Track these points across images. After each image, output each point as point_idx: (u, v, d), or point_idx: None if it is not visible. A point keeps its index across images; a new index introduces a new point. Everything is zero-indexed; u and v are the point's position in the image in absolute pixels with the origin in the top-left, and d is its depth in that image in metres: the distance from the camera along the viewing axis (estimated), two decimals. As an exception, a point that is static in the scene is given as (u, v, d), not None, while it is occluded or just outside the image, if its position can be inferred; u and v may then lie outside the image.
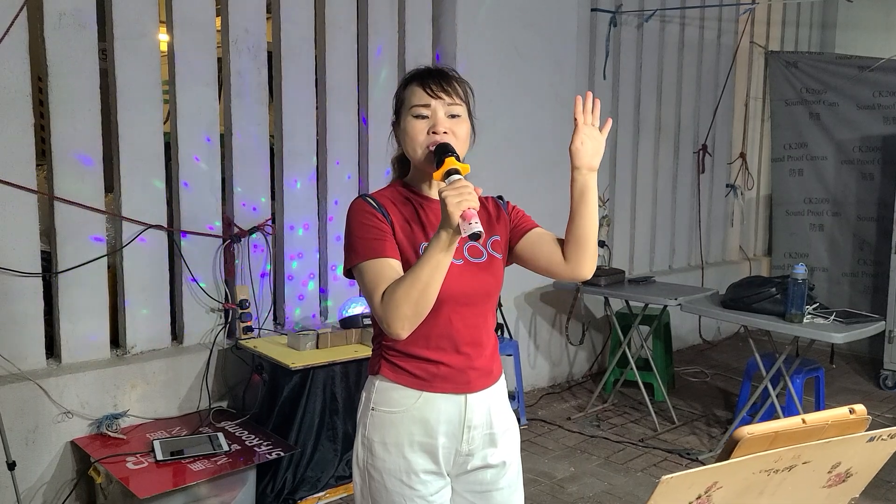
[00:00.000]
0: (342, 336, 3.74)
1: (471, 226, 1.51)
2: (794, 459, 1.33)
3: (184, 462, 3.11)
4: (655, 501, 1.22)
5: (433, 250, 1.56)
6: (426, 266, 1.56)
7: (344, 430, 3.57)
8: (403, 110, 1.76)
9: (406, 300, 1.57)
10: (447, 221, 1.52)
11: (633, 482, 3.79)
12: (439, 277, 1.58)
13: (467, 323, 1.74)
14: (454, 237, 1.55)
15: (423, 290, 1.56)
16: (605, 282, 4.63)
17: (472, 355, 1.75)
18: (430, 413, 1.72)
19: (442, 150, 1.66)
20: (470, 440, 1.76)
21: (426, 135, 1.71)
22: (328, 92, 4.13)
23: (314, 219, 4.17)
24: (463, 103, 1.76)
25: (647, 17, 5.63)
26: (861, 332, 3.76)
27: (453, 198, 1.52)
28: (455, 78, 1.77)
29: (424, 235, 1.75)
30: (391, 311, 1.58)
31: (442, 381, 1.73)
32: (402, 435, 1.72)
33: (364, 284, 1.67)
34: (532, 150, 4.86)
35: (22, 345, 3.25)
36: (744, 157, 6.87)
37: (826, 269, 6.54)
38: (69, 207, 3.33)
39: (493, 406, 1.80)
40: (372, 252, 1.67)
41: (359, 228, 1.70)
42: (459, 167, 1.61)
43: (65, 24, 3.24)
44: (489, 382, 1.80)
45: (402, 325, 1.59)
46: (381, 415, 1.74)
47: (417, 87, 1.74)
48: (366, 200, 1.75)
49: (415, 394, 1.73)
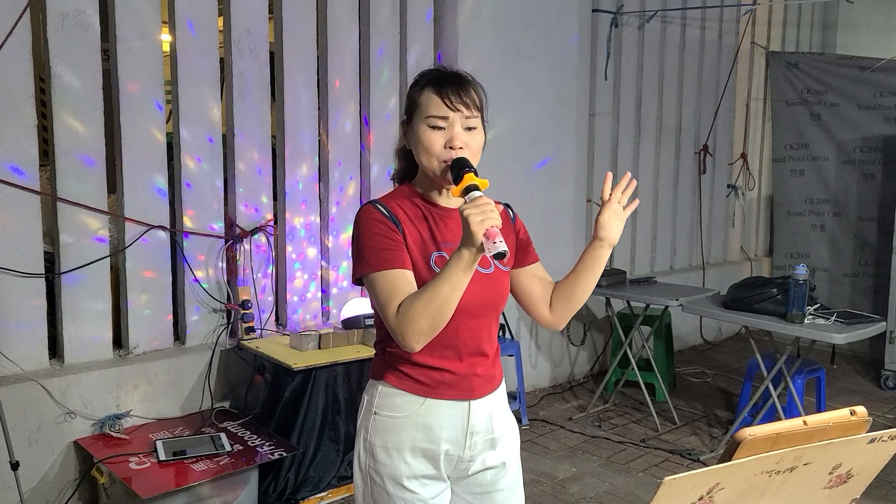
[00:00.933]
0: (344, 336, 3.75)
1: (495, 245, 1.49)
2: (795, 461, 1.34)
3: (186, 462, 3.11)
4: (658, 502, 1.22)
5: (454, 268, 1.54)
6: (446, 283, 1.54)
7: (346, 431, 3.58)
8: (418, 116, 1.72)
9: (423, 316, 1.56)
10: (470, 240, 1.50)
11: (634, 482, 3.80)
12: (458, 295, 1.57)
13: (473, 333, 1.74)
14: (476, 256, 1.53)
15: (441, 306, 1.56)
16: (606, 282, 4.63)
17: (476, 363, 1.76)
18: (434, 419, 1.72)
19: (459, 164, 1.64)
20: (472, 446, 1.76)
21: (442, 148, 1.68)
22: (330, 92, 4.13)
23: (316, 219, 4.18)
24: (479, 113, 1.73)
25: (648, 17, 5.63)
26: (862, 332, 3.76)
27: (476, 216, 1.49)
28: (472, 86, 1.74)
29: (436, 245, 1.73)
30: (407, 325, 1.57)
31: (446, 387, 1.73)
32: (404, 440, 1.72)
33: (376, 296, 1.65)
34: (533, 150, 4.87)
35: (25, 345, 3.26)
36: (745, 158, 6.87)
37: (827, 269, 6.54)
38: (72, 208, 3.34)
39: (495, 411, 1.81)
40: (384, 263, 1.64)
41: (369, 237, 1.67)
42: (478, 182, 1.58)
43: (67, 24, 3.25)
44: (491, 388, 1.81)
45: (418, 339, 1.59)
46: (383, 419, 1.74)
47: (435, 95, 1.70)
48: (376, 207, 1.71)
49: (418, 400, 1.72)
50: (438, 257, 1.72)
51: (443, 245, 1.73)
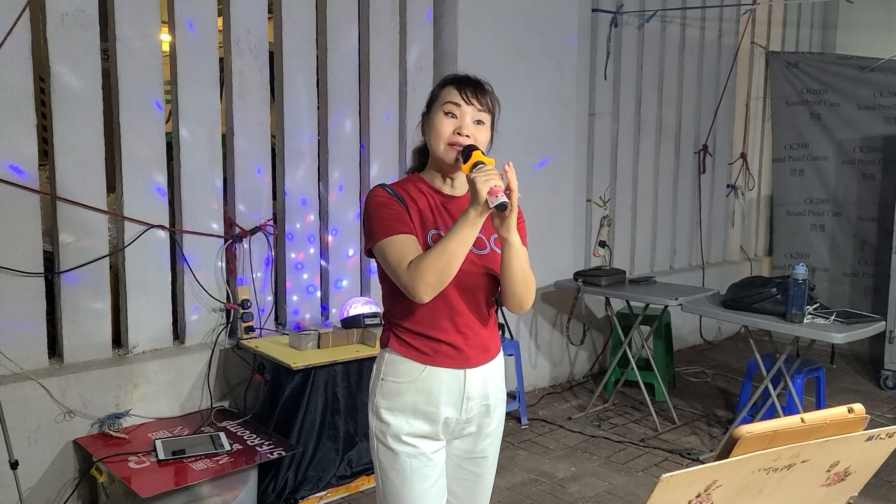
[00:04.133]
0: (343, 336, 3.75)
1: (497, 198, 1.70)
2: (793, 458, 1.34)
3: (185, 461, 3.11)
4: (655, 499, 1.22)
5: (461, 225, 1.74)
6: (453, 239, 1.74)
7: (345, 430, 3.58)
8: (436, 105, 1.93)
9: (432, 268, 1.74)
10: (476, 198, 1.71)
11: (633, 482, 3.80)
12: (464, 250, 1.75)
13: (468, 306, 1.92)
14: (482, 213, 1.73)
15: (449, 260, 1.74)
16: (606, 282, 4.63)
17: (471, 335, 1.94)
18: (433, 384, 1.91)
19: (469, 148, 1.85)
20: (468, 409, 1.95)
21: (451, 133, 1.89)
22: (329, 92, 4.13)
23: (315, 219, 4.18)
24: (489, 114, 1.94)
25: (647, 17, 5.64)
26: (862, 332, 3.76)
27: (481, 177, 1.72)
28: (489, 91, 1.95)
29: (434, 225, 1.91)
30: (417, 277, 1.75)
31: (444, 357, 1.91)
32: (407, 403, 1.91)
33: (387, 258, 1.83)
34: (533, 150, 4.87)
35: (24, 344, 3.26)
36: (744, 158, 6.87)
37: (827, 269, 6.54)
38: (71, 207, 3.34)
39: (490, 379, 1.99)
40: (393, 229, 1.83)
41: (378, 210, 1.87)
42: (485, 160, 1.79)
43: (67, 24, 3.25)
44: (487, 358, 1.98)
45: (426, 290, 1.77)
46: (389, 384, 1.93)
47: (454, 88, 1.91)
48: (385, 189, 1.92)
49: (419, 367, 1.91)
50: (435, 234, 1.89)
51: (442, 226, 1.91)
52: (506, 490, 3.66)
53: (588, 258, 5.51)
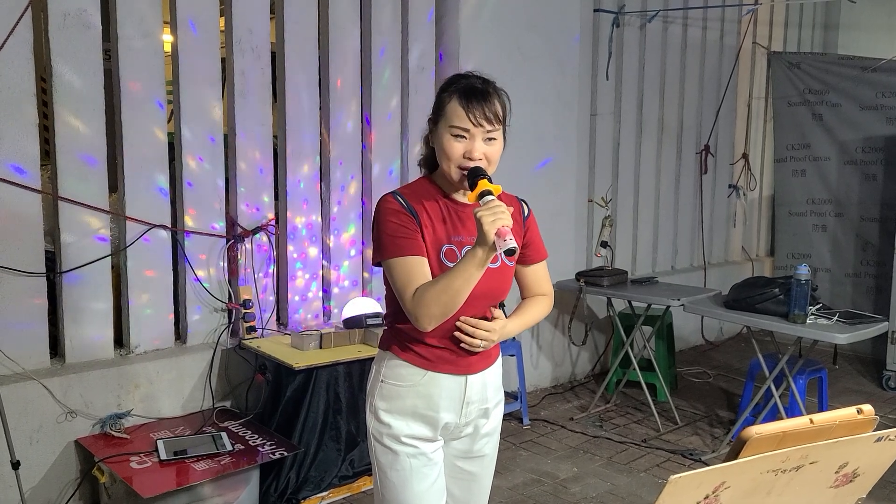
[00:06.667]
0: (345, 336, 3.75)
1: (505, 242, 1.65)
2: (801, 459, 1.33)
3: (187, 462, 3.11)
4: (664, 501, 1.22)
5: (468, 264, 1.72)
6: (459, 277, 1.73)
7: (347, 430, 3.57)
8: (443, 122, 1.86)
9: (436, 302, 1.75)
10: (483, 239, 1.67)
11: (635, 482, 3.79)
12: (469, 287, 1.75)
13: (473, 315, 1.90)
14: (489, 253, 1.70)
15: (454, 296, 1.75)
16: (607, 282, 4.63)
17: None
18: (434, 389, 1.91)
19: (474, 173, 1.79)
20: (467, 413, 1.96)
21: (461, 157, 1.83)
22: (331, 92, 4.13)
23: (317, 219, 4.17)
24: (501, 125, 1.87)
25: (649, 17, 5.63)
26: (864, 332, 3.75)
27: (488, 217, 1.66)
28: (497, 98, 1.86)
29: (447, 238, 1.88)
30: (422, 308, 1.76)
31: (445, 363, 1.91)
32: (406, 406, 1.92)
33: (394, 279, 1.82)
34: (534, 150, 4.86)
35: (26, 344, 3.25)
36: (746, 158, 6.86)
37: (829, 269, 6.53)
38: (73, 207, 3.34)
39: (489, 383, 2.00)
40: (402, 250, 1.81)
41: (388, 225, 1.83)
42: (492, 188, 1.74)
43: (69, 24, 3.24)
44: (488, 364, 1.99)
45: (429, 321, 1.78)
46: (389, 387, 1.93)
47: (460, 107, 1.82)
48: (395, 198, 1.88)
49: (421, 372, 1.91)
50: (448, 250, 1.88)
51: (454, 238, 1.89)
52: (508, 490, 3.65)
53: (590, 258, 5.51)
